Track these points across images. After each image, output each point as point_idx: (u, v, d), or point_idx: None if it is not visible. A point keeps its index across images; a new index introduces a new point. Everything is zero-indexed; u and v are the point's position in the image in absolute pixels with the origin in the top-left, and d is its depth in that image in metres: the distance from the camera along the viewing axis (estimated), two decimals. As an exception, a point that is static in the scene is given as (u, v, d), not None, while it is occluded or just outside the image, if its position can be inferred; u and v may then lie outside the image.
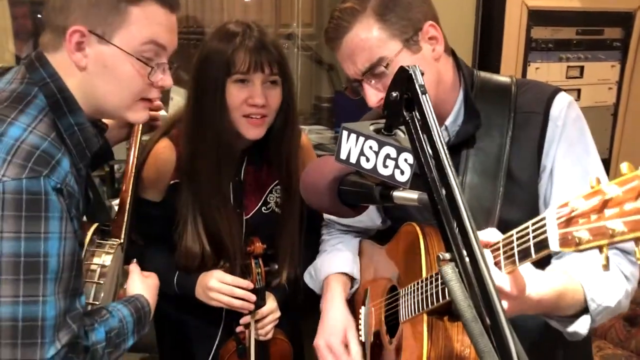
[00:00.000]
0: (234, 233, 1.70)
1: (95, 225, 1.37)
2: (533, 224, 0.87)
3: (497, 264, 0.95)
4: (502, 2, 2.58)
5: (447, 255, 0.76)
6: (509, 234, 0.94)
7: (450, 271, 0.75)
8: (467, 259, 0.73)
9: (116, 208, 1.59)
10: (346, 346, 1.51)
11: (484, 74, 1.41)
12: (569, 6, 2.73)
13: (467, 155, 1.32)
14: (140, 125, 1.63)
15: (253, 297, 1.68)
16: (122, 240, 1.50)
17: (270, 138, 1.67)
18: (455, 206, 0.75)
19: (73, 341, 1.09)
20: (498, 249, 0.95)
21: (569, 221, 0.76)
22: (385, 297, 1.44)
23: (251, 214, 1.77)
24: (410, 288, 1.26)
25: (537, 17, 2.64)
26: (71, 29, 1.12)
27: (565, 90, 1.34)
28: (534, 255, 0.87)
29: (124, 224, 1.53)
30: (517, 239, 0.90)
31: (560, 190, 1.26)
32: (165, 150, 1.70)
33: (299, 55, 3.60)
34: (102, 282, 1.31)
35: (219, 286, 1.66)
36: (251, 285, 1.69)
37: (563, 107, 1.29)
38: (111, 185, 2.64)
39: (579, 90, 2.81)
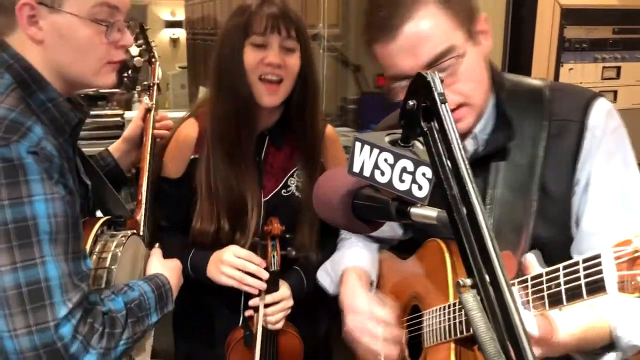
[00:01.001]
0: (253, 203, 1.68)
1: (104, 218, 1.37)
2: (584, 261, 0.78)
3: (539, 299, 0.87)
4: (534, 1, 2.50)
5: (468, 281, 0.68)
6: (553, 267, 0.85)
7: (471, 299, 0.67)
8: (490, 287, 0.66)
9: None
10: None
11: (512, 77, 1.30)
12: (605, 4, 2.63)
13: (498, 167, 1.21)
14: (150, 131, 1.70)
15: (266, 274, 1.63)
16: (141, 233, 1.51)
17: (291, 105, 1.67)
18: (477, 227, 0.68)
19: (87, 306, 1.09)
20: (541, 282, 0.87)
21: (632, 262, 0.68)
22: (407, 317, 1.36)
23: (270, 195, 1.74)
24: (436, 312, 1.19)
25: (570, 15, 2.55)
26: (19, 4, 1.12)
27: (600, 92, 1.25)
28: (585, 297, 0.78)
29: (142, 219, 1.56)
30: (565, 275, 0.82)
31: (594, 207, 1.16)
32: (188, 125, 1.76)
33: (324, 57, 3.56)
34: (113, 267, 1.29)
35: (232, 260, 1.62)
36: (264, 264, 1.64)
37: (602, 116, 1.18)
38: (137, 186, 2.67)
39: (615, 92, 2.70)
